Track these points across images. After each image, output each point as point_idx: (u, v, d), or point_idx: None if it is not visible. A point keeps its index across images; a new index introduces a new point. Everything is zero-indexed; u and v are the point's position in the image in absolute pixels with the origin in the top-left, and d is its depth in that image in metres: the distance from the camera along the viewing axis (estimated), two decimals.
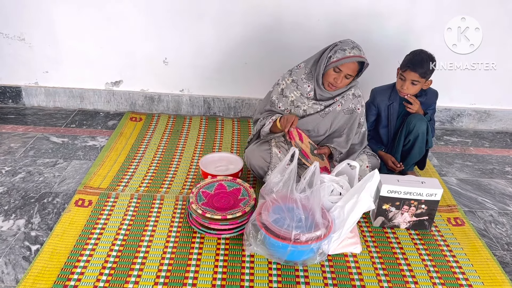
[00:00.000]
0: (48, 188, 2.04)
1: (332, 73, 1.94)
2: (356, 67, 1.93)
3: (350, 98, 2.06)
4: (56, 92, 2.80)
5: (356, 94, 2.07)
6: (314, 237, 1.58)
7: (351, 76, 1.95)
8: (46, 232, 1.77)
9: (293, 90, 2.04)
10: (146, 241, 1.74)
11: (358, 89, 2.08)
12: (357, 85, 2.09)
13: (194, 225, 1.78)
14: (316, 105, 2.04)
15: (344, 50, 1.90)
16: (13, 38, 2.63)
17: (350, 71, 1.92)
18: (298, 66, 2.07)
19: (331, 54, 1.93)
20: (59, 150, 2.36)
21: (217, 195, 1.87)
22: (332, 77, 1.94)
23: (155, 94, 2.83)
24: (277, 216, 1.64)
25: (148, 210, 1.92)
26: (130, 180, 2.13)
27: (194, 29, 2.63)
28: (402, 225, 1.91)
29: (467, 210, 2.09)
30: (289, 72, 2.08)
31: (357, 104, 2.07)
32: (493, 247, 1.86)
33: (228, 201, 1.85)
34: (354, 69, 1.93)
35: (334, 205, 1.76)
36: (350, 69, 1.92)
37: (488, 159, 2.57)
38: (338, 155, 2.05)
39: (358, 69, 1.95)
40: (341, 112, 2.06)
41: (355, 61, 1.90)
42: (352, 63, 1.91)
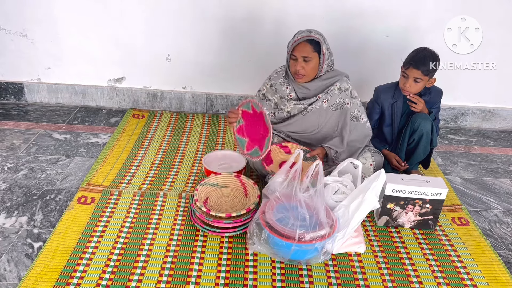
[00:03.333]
0: (51, 185, 2.04)
1: (292, 62, 1.97)
2: (309, 48, 1.91)
3: (336, 93, 2.03)
4: (59, 89, 2.79)
5: (342, 88, 2.04)
6: (318, 236, 1.57)
7: (309, 57, 1.92)
8: (49, 230, 1.76)
9: (273, 94, 2.08)
10: (149, 239, 1.73)
11: (345, 82, 2.05)
12: (344, 79, 2.05)
13: (197, 223, 1.77)
14: (299, 105, 2.04)
15: (294, 37, 1.95)
16: (15, 34, 2.62)
17: (305, 53, 1.92)
18: (276, 71, 2.11)
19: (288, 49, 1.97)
20: (61, 147, 2.35)
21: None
22: (292, 67, 1.97)
23: (157, 91, 2.82)
24: (281, 215, 1.63)
25: (151, 207, 1.91)
26: (133, 177, 2.12)
27: (197, 26, 2.62)
28: (407, 224, 1.90)
29: (471, 209, 2.07)
30: (269, 77, 2.12)
31: (345, 98, 2.04)
32: (498, 247, 1.84)
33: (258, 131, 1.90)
34: (308, 50, 1.92)
35: (339, 204, 1.75)
36: (303, 51, 1.92)
37: (492, 158, 2.55)
38: (334, 153, 2.02)
39: (314, 50, 1.92)
40: (328, 109, 2.04)
41: (304, 41, 1.90)
42: (302, 45, 1.91)
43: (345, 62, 2.69)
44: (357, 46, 2.67)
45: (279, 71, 2.10)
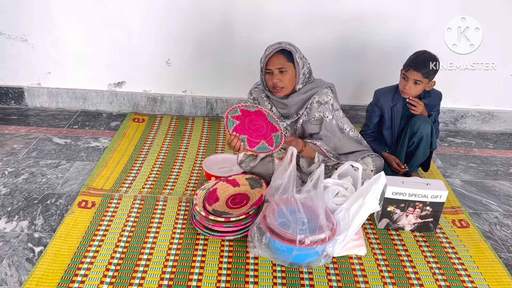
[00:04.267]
0: (51, 189, 2.04)
1: (268, 76, 1.93)
2: (282, 59, 1.88)
3: (315, 107, 1.97)
4: (59, 93, 2.80)
5: (321, 101, 1.97)
6: (318, 240, 1.57)
7: (284, 69, 1.88)
8: (50, 234, 1.76)
9: None
10: (150, 243, 1.73)
11: (324, 95, 1.97)
12: (323, 91, 1.98)
13: (198, 227, 1.77)
14: (282, 122, 1.99)
15: (265, 52, 1.92)
16: (15, 39, 2.63)
17: (279, 64, 1.88)
18: (257, 84, 2.09)
19: (261, 64, 1.94)
20: (61, 151, 2.35)
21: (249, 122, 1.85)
22: (269, 81, 1.93)
23: (157, 95, 2.83)
24: (282, 219, 1.63)
25: (151, 211, 1.91)
26: (133, 181, 2.12)
27: (197, 30, 2.63)
28: (407, 227, 1.90)
29: (471, 212, 2.08)
30: (250, 92, 2.10)
31: (324, 112, 1.97)
32: (499, 250, 1.85)
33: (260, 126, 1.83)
34: (282, 61, 1.88)
35: (339, 207, 1.75)
36: (277, 63, 1.88)
37: (492, 160, 2.56)
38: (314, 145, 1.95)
39: (288, 60, 1.88)
40: (308, 123, 2.00)
41: (276, 53, 1.87)
42: (275, 57, 1.88)
43: (345, 65, 2.72)
44: (356, 49, 2.68)
45: (259, 86, 2.06)
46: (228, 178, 1.99)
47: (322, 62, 2.65)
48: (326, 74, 2.42)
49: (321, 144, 1.97)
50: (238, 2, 2.56)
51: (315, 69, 2.25)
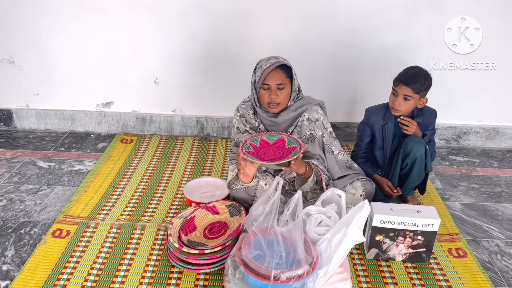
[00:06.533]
0: (27, 217, 1.97)
1: (264, 92, 1.84)
2: (282, 74, 1.81)
3: (305, 124, 1.89)
4: (47, 115, 2.76)
5: (311, 118, 1.89)
6: (295, 276, 1.45)
7: (283, 84, 1.81)
8: (19, 266, 1.68)
9: (245, 124, 1.97)
10: (120, 276, 1.64)
11: (314, 112, 1.90)
12: (313, 108, 1.90)
13: (172, 259, 1.67)
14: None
15: (261, 66, 1.82)
16: (2, 61, 2.61)
17: (279, 80, 1.80)
18: (245, 101, 2.01)
19: (254, 78, 1.85)
20: (44, 176, 2.29)
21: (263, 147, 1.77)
22: (266, 96, 1.84)
23: (146, 115, 2.76)
24: (258, 252, 1.52)
25: (126, 241, 1.83)
26: (112, 207, 2.04)
27: (185, 48, 2.56)
28: (398, 257, 1.77)
29: (470, 239, 1.93)
30: (237, 109, 2.01)
31: (315, 129, 1.90)
32: (498, 283, 1.69)
33: (275, 152, 1.74)
34: (282, 77, 1.81)
35: (322, 237, 1.63)
36: (277, 79, 1.80)
37: (496, 180, 2.40)
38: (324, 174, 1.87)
39: (287, 76, 1.82)
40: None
41: (276, 68, 1.79)
42: (275, 72, 1.80)
43: (339, 81, 2.62)
44: (351, 64, 2.58)
45: (247, 102, 1.99)
46: (208, 205, 1.89)
47: (316, 77, 2.56)
48: (320, 91, 2.33)
49: (318, 164, 1.88)
50: (228, 19, 2.48)
51: (308, 86, 2.16)
